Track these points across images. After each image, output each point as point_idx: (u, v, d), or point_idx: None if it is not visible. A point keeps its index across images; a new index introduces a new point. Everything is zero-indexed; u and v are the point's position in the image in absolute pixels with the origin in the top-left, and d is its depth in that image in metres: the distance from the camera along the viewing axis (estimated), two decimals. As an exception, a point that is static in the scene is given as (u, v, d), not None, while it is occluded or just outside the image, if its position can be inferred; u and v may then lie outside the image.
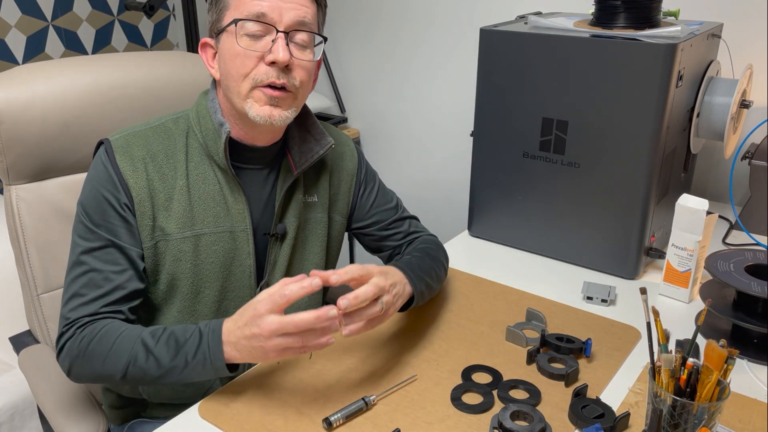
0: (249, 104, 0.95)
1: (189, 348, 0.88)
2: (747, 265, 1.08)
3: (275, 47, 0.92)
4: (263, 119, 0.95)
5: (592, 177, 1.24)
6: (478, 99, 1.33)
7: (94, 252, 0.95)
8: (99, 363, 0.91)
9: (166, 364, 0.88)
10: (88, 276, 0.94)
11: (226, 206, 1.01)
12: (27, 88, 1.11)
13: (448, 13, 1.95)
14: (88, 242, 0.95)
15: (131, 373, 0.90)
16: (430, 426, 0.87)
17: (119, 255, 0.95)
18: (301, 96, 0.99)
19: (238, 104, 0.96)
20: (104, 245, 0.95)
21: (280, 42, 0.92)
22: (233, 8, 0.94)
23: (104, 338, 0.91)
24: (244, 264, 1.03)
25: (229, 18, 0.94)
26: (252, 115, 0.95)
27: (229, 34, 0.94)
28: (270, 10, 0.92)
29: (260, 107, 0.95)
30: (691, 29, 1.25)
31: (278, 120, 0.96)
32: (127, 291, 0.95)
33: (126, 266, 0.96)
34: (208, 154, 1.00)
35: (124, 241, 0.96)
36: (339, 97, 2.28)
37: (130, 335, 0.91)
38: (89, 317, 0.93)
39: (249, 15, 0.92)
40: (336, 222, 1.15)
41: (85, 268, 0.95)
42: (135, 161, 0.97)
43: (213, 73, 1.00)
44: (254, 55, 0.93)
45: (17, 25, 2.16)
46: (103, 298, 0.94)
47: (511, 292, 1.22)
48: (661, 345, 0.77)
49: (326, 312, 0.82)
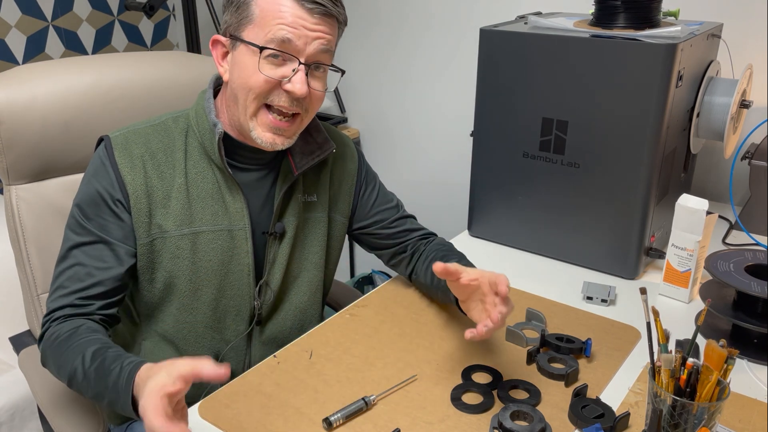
0: (253, 124, 0.95)
1: (110, 380, 0.83)
2: (747, 265, 1.08)
3: (295, 79, 0.92)
4: (266, 144, 0.96)
5: (592, 177, 1.24)
6: (478, 99, 1.33)
7: (82, 246, 0.96)
8: (54, 367, 0.92)
9: (92, 388, 0.86)
10: (73, 269, 0.95)
11: (224, 205, 1.01)
12: (27, 88, 1.11)
13: (449, 14, 1.95)
14: (78, 236, 0.96)
15: (74, 386, 0.89)
16: (430, 426, 0.87)
17: (107, 252, 0.96)
18: (307, 119, 1.00)
19: (242, 118, 0.96)
20: (93, 241, 0.96)
21: (300, 75, 0.92)
22: (257, 25, 0.92)
23: (63, 344, 0.90)
24: (243, 263, 1.03)
25: (250, 33, 0.92)
26: (254, 136, 0.96)
27: (248, 49, 0.93)
28: (296, 37, 0.90)
29: (263, 132, 0.96)
30: (691, 29, 1.25)
31: (281, 146, 0.97)
32: (105, 288, 0.95)
33: (112, 264, 0.96)
34: (206, 153, 1.00)
35: (114, 238, 0.96)
36: (339, 97, 2.28)
37: (78, 347, 0.88)
38: (61, 310, 0.94)
39: (274, 40, 0.90)
40: (337, 222, 1.15)
41: (72, 261, 0.96)
42: (134, 159, 0.97)
43: (222, 73, 0.99)
44: (273, 80, 0.92)
45: (17, 25, 2.16)
46: (79, 292, 0.94)
47: (511, 292, 1.22)
48: (661, 345, 0.77)
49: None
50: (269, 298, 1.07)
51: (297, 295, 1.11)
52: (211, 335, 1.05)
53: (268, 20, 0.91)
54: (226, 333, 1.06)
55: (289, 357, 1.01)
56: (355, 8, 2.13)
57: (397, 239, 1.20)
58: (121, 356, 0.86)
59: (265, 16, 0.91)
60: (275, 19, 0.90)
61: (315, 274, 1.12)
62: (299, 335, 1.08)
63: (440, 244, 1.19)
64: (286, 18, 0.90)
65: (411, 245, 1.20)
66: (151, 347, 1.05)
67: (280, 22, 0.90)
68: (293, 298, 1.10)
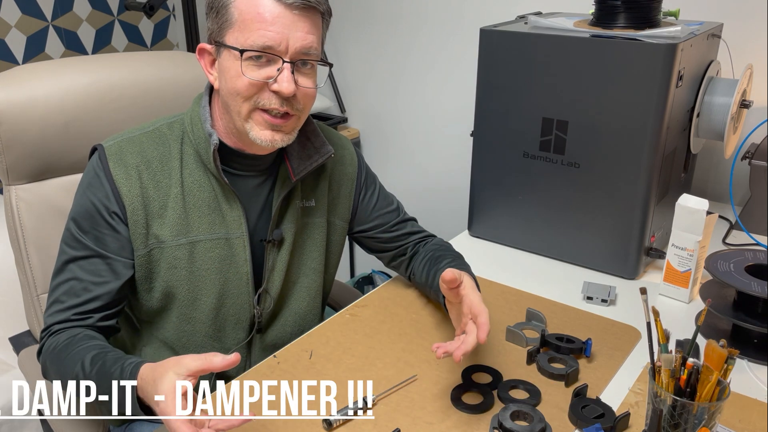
0: (250, 125, 0.94)
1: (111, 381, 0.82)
2: (747, 265, 1.08)
3: (281, 78, 0.90)
4: (265, 143, 0.94)
5: (592, 177, 1.24)
6: (478, 99, 1.33)
7: (78, 261, 0.95)
8: (57, 376, 0.91)
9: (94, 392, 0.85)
10: (69, 284, 0.94)
11: (221, 213, 1.00)
12: (27, 88, 1.11)
13: (449, 14, 1.95)
14: (74, 251, 0.95)
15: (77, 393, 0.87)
16: (430, 426, 0.87)
17: (103, 266, 0.95)
18: (303, 117, 0.98)
19: (238, 123, 0.95)
20: (89, 255, 0.94)
21: (285, 73, 0.90)
22: (237, 30, 0.90)
23: (61, 352, 0.90)
24: (241, 271, 1.02)
25: (231, 37, 0.90)
26: (253, 136, 0.94)
27: (231, 54, 0.91)
28: (276, 42, 0.88)
29: (261, 131, 0.93)
30: (691, 29, 1.25)
31: (281, 143, 0.95)
32: (102, 303, 0.94)
33: (109, 278, 0.95)
34: (202, 161, 0.99)
35: (110, 251, 0.95)
36: (339, 97, 2.28)
37: (78, 353, 0.88)
38: (60, 324, 0.93)
39: (254, 45, 0.88)
40: (336, 226, 1.14)
41: (68, 275, 0.95)
42: (128, 169, 0.95)
43: (212, 81, 0.97)
44: (258, 82, 0.90)
45: (17, 25, 2.16)
46: (77, 307, 0.94)
47: (511, 292, 1.22)
48: (661, 345, 0.77)
49: None
50: (269, 305, 1.06)
51: (296, 301, 1.10)
52: (211, 344, 1.04)
53: (247, 22, 0.89)
54: (226, 341, 1.05)
55: (289, 357, 1.01)
56: (356, 8, 2.13)
57: (397, 242, 1.20)
58: (121, 358, 0.85)
59: (244, 19, 0.89)
60: (254, 20, 0.88)
61: (314, 280, 1.11)
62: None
63: (437, 245, 1.18)
64: (266, 17, 0.88)
65: (411, 248, 1.20)
66: (152, 353, 1.05)
67: (259, 23, 0.88)
68: (293, 305, 1.10)
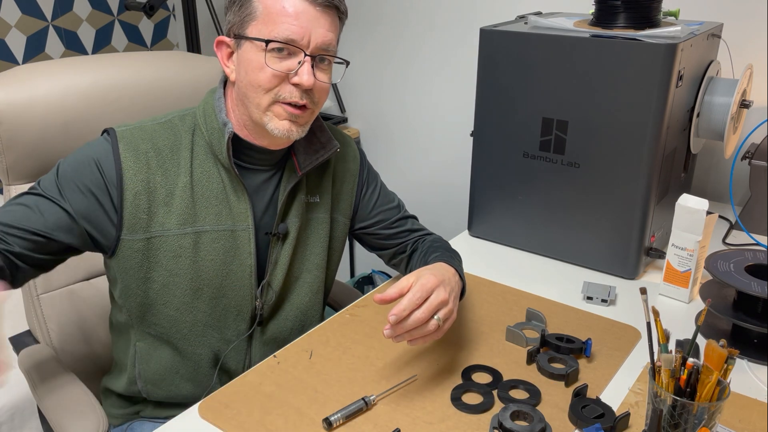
0: (268, 117, 0.96)
1: None
2: (747, 265, 1.08)
3: (301, 71, 0.93)
4: (282, 133, 0.97)
5: (592, 177, 1.24)
6: (478, 99, 1.33)
7: (39, 196, 0.94)
8: None
9: None
10: (18, 207, 0.93)
11: (228, 205, 1.01)
12: (27, 88, 1.11)
13: (449, 13, 1.95)
14: (44, 189, 0.94)
15: None
16: (430, 426, 0.87)
17: (52, 213, 0.93)
18: (316, 112, 1.01)
19: (255, 115, 0.97)
20: (51, 198, 0.94)
21: (306, 66, 0.93)
22: (261, 21, 0.93)
23: None
24: (245, 263, 1.03)
25: (254, 30, 0.93)
26: (270, 128, 0.96)
27: (254, 46, 0.94)
28: (299, 36, 0.92)
29: (280, 122, 0.96)
30: (691, 29, 1.25)
31: (296, 135, 0.98)
32: (25, 240, 0.91)
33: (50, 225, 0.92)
34: (212, 153, 1.00)
35: (70, 207, 0.93)
36: (339, 97, 2.28)
37: None
38: None
39: (278, 38, 0.92)
40: (338, 222, 1.15)
41: (22, 200, 0.94)
42: (138, 154, 0.97)
43: (228, 73, 1.00)
44: (280, 74, 0.93)
45: (17, 25, 2.16)
46: (4, 226, 0.91)
47: (511, 292, 1.22)
48: (661, 345, 0.77)
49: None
50: (271, 298, 1.07)
51: (298, 295, 1.11)
52: (212, 334, 1.05)
53: (271, 16, 0.92)
54: (227, 332, 1.06)
55: (289, 357, 1.01)
56: (356, 8, 2.13)
57: (397, 239, 1.20)
58: None
59: (268, 12, 0.92)
60: (278, 14, 0.92)
61: (317, 275, 1.12)
62: (300, 335, 1.08)
63: (434, 241, 1.18)
64: (290, 11, 0.92)
65: (410, 245, 1.20)
66: (146, 348, 1.05)
67: (283, 16, 0.92)
68: (295, 299, 1.10)
